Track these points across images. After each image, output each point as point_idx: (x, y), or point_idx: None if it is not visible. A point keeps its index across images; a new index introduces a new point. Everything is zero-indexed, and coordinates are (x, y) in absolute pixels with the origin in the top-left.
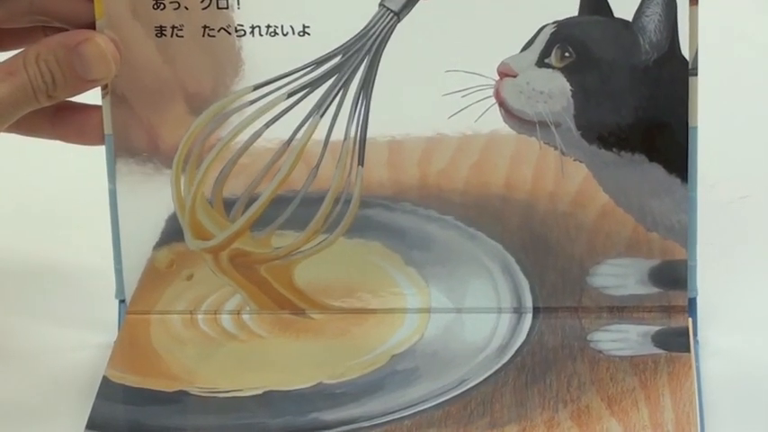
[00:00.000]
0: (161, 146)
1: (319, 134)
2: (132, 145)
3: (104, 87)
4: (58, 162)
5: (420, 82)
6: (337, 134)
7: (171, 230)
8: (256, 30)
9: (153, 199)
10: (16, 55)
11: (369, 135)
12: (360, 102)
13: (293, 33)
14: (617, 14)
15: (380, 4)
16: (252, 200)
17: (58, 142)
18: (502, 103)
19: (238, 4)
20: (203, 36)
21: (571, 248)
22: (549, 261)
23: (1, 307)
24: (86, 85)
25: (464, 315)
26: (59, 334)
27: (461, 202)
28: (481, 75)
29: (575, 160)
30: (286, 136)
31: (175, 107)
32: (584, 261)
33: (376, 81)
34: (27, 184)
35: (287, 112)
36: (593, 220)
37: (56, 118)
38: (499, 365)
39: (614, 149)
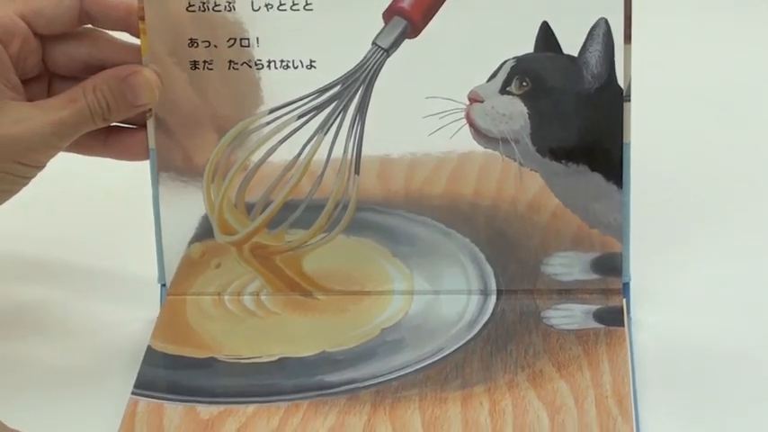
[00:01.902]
0: (194, 159)
1: (323, 150)
2: (171, 158)
3: (149, 111)
4: (113, 174)
5: (405, 106)
6: (338, 149)
7: (203, 227)
8: (272, 64)
9: (188, 202)
10: (76, 86)
11: (363, 150)
12: (356, 123)
13: (302, 67)
14: (565, 51)
15: (373, 43)
16: (268, 203)
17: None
18: (471, 124)
19: (258, 42)
20: (229, 69)
21: (528, 243)
22: (509, 253)
23: (66, 290)
24: (135, 109)
25: (441, 296)
26: (113, 311)
27: (439, 206)
28: (455, 100)
29: (531, 170)
30: (296, 151)
31: (206, 127)
32: (538, 253)
33: (369, 106)
34: (90, 196)
35: (297, 131)
36: (546, 220)
37: (107, 139)
38: (469, 337)
39: (563, 161)
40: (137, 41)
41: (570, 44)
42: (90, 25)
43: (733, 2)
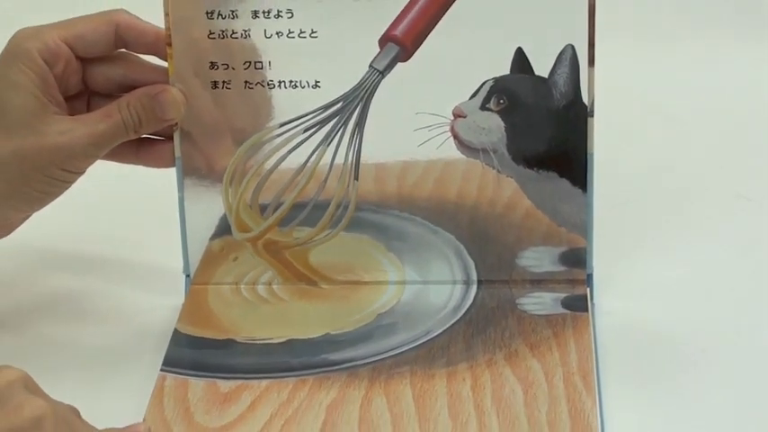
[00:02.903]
0: (214, 166)
1: (326, 158)
2: (194, 165)
3: (175, 124)
4: (144, 179)
5: (398, 121)
6: (339, 158)
7: (222, 226)
8: (282, 84)
9: (209, 204)
10: (112, 103)
11: (361, 159)
12: (355, 135)
13: (308, 86)
14: (537, 73)
15: (370, 66)
16: (279, 205)
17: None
18: (456, 136)
19: (270, 65)
20: (245, 88)
21: (504, 239)
22: (488, 248)
23: (103, 280)
24: (163, 123)
25: (429, 286)
26: (144, 299)
27: (427, 206)
28: (441, 116)
29: (507, 176)
30: (303, 159)
31: (224, 139)
32: (513, 248)
33: (367, 120)
34: (124, 199)
35: (304, 142)
36: (520, 220)
37: (139, 149)
38: (453, 321)
39: (535, 168)
40: (165, 64)
41: (541, 67)
42: (124, 49)
43: (684, 29)
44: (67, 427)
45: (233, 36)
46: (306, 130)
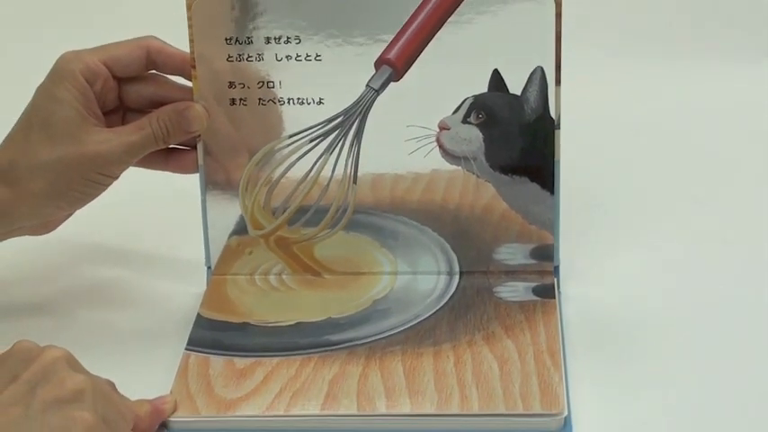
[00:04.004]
0: (232, 174)
1: (328, 166)
2: (214, 174)
3: (199, 136)
4: (172, 184)
5: (390, 132)
6: (340, 166)
7: (239, 225)
8: (291, 100)
9: (228, 206)
10: (144, 117)
11: (359, 167)
12: (354, 145)
13: (313, 103)
14: (511, 91)
15: (367, 85)
16: (287, 206)
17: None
18: (441, 146)
19: (280, 85)
20: (258, 105)
21: (483, 236)
22: (469, 244)
23: (135, 271)
24: (188, 135)
25: (418, 276)
26: (171, 287)
27: (416, 209)
28: (428, 128)
29: (485, 181)
30: (308, 167)
31: (240, 149)
32: (491, 244)
33: (364, 132)
34: (154, 200)
35: (309, 152)
36: (497, 220)
37: (167, 158)
38: (439, 306)
39: (509, 174)
40: (189, 84)
41: (515, 86)
42: (154, 71)
43: (643, 48)
44: (105, 398)
45: (248, 59)
46: (311, 141)
